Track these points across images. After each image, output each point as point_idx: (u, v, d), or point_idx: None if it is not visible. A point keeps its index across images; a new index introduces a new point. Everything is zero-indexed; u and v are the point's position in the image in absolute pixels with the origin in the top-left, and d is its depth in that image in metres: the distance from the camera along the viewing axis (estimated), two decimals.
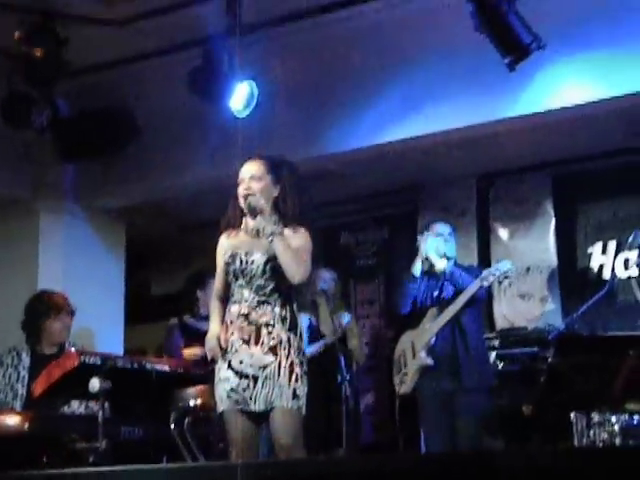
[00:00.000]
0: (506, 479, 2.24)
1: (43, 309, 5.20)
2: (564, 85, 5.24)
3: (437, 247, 5.41)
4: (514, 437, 5.44)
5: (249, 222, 3.87)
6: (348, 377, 5.12)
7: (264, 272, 3.77)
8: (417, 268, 5.44)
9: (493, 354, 5.83)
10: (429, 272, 5.47)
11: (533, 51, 4.83)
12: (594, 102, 5.20)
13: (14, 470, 3.59)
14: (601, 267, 6.21)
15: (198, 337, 4.59)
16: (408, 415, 5.44)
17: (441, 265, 5.39)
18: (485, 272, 5.32)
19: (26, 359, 5.10)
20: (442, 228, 5.49)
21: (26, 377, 5.00)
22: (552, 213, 6.51)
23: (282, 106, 5.70)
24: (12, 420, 4.20)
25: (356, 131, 5.77)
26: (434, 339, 5.28)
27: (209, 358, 3.84)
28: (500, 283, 5.46)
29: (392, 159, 6.11)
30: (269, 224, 3.77)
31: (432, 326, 5.30)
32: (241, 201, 3.85)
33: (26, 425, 4.14)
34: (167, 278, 7.98)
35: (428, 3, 5.22)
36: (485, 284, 5.30)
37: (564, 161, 6.44)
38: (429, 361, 5.25)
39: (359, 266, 7.32)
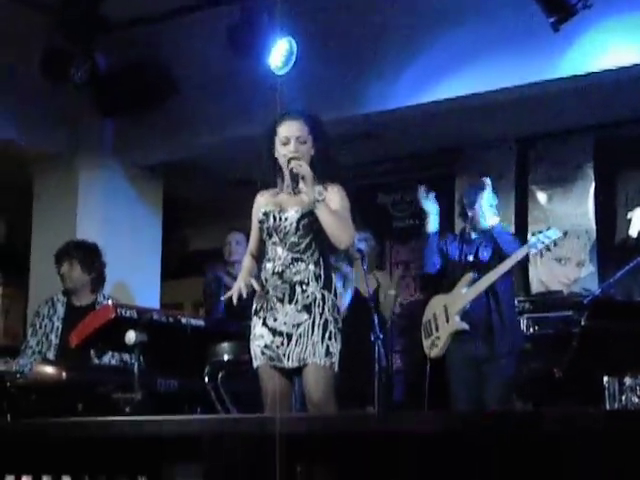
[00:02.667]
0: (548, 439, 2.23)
1: (58, 253, 5.28)
2: (609, 47, 5.13)
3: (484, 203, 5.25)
4: (544, 400, 5.42)
5: (285, 180, 3.83)
6: (381, 336, 5.13)
7: (297, 229, 3.76)
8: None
9: (527, 317, 5.79)
10: (463, 236, 5.39)
11: (579, 11, 4.74)
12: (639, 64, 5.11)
13: (52, 417, 3.66)
14: None
15: None
16: (438, 379, 5.43)
17: (491, 221, 5.20)
18: (533, 239, 5.14)
19: (61, 310, 5.15)
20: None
21: (60, 328, 5.05)
22: (592, 177, 6.43)
23: (321, 64, 5.66)
24: (51, 370, 4.28)
25: (396, 90, 5.73)
26: (468, 304, 5.22)
27: (236, 298, 3.76)
28: (549, 250, 5.18)
29: (431, 120, 6.06)
30: (311, 191, 3.69)
31: (469, 292, 5.17)
32: (282, 161, 3.78)
33: (64, 374, 4.22)
34: (205, 234, 8.03)
35: None
36: (533, 251, 5.16)
37: (607, 124, 6.34)
38: (465, 326, 5.15)
39: (396, 227, 7.30)
